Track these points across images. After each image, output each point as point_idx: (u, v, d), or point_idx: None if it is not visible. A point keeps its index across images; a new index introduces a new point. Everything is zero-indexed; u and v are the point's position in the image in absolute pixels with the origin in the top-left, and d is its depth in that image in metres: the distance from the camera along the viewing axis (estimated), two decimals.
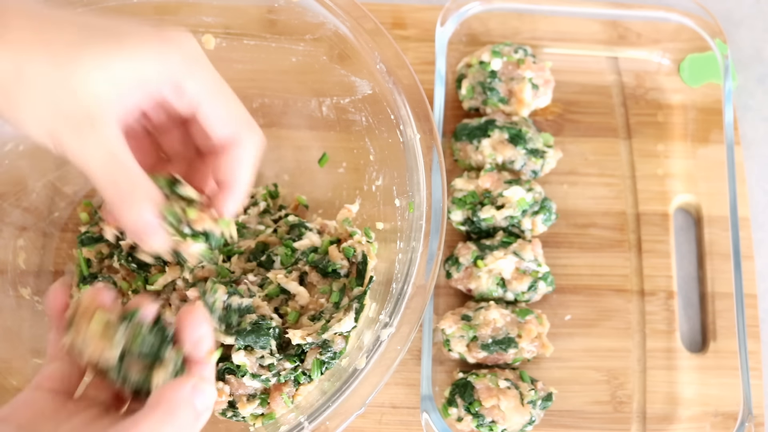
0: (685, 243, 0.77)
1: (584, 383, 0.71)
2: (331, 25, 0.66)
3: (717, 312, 0.73)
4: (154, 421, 0.44)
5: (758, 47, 0.84)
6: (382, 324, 0.59)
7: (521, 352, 0.68)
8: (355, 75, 0.67)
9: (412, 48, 0.79)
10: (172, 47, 0.48)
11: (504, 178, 0.71)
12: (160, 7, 0.68)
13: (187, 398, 0.45)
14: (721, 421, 0.70)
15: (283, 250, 0.65)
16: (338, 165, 0.72)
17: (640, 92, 0.80)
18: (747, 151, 0.80)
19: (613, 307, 0.73)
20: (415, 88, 0.64)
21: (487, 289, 0.70)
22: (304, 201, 0.72)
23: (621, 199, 0.76)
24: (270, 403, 0.61)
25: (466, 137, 0.73)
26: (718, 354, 0.72)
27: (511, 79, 0.74)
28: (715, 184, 0.75)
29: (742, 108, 0.82)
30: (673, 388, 0.71)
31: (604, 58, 0.80)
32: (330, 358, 0.60)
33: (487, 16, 0.78)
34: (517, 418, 0.65)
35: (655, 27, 0.79)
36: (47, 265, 0.70)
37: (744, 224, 0.75)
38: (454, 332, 0.68)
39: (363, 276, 0.63)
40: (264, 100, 0.74)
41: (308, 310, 0.63)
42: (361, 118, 0.69)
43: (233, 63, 0.72)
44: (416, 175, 0.63)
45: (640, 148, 0.78)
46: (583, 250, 0.75)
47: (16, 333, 0.65)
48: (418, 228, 0.61)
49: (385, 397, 0.70)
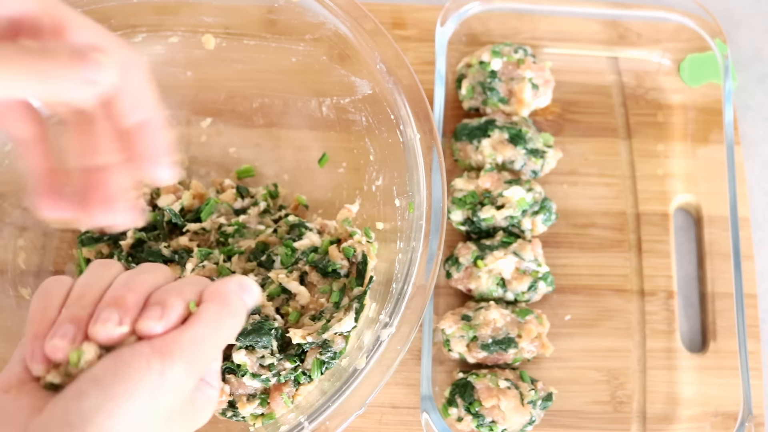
0: (685, 243, 0.77)
1: (584, 383, 0.71)
2: (331, 25, 0.66)
3: (717, 312, 0.73)
4: (214, 309, 0.48)
5: (758, 47, 0.84)
6: (382, 324, 0.60)
7: (521, 352, 0.68)
8: (355, 75, 0.67)
9: (412, 48, 0.79)
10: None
11: (504, 178, 0.71)
12: (160, 7, 0.68)
13: (236, 290, 0.51)
14: (721, 421, 0.70)
15: (283, 250, 0.65)
16: (338, 165, 0.72)
17: (640, 92, 0.80)
18: (747, 151, 0.80)
19: (613, 307, 0.73)
20: (415, 88, 0.64)
21: (487, 289, 0.70)
22: (304, 201, 0.72)
23: (621, 199, 0.76)
24: (270, 403, 0.61)
25: (466, 137, 0.73)
26: (718, 354, 0.72)
27: (511, 79, 0.74)
28: (715, 184, 0.75)
29: (742, 108, 0.82)
30: (673, 388, 0.71)
31: (604, 58, 0.80)
32: (330, 358, 0.60)
33: (487, 16, 0.79)
34: (517, 418, 0.65)
35: (655, 27, 0.79)
36: (47, 265, 0.70)
37: (744, 224, 0.75)
38: (454, 332, 0.68)
39: (363, 276, 0.63)
40: (264, 100, 0.74)
41: (309, 310, 0.63)
42: (361, 118, 0.69)
43: (233, 63, 0.72)
44: (416, 175, 0.63)
45: (640, 148, 0.78)
46: (583, 250, 0.75)
47: (16, 333, 0.65)
48: (418, 228, 0.61)
49: (385, 397, 0.70)
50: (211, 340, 0.48)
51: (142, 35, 0.69)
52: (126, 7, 0.67)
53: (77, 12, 0.46)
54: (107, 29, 0.46)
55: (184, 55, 0.71)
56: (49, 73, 0.40)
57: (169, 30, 0.69)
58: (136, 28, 0.68)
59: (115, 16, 0.67)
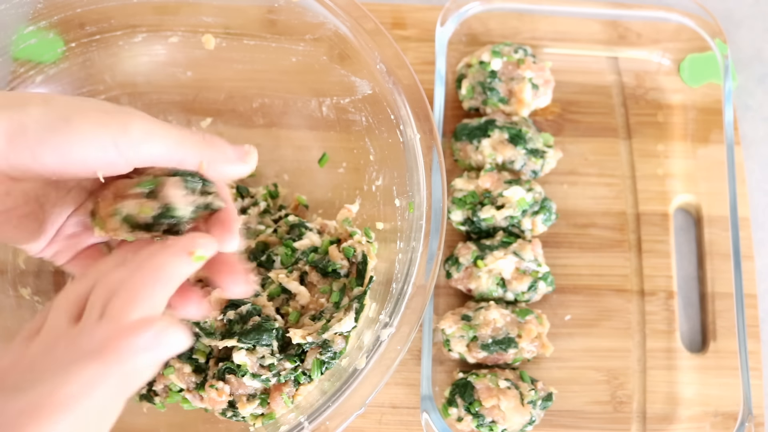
0: (685, 243, 0.77)
1: (584, 383, 0.71)
2: (331, 25, 0.66)
3: (717, 312, 0.73)
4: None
5: (758, 47, 0.84)
6: (382, 324, 0.59)
7: (521, 352, 0.68)
8: (355, 75, 0.67)
9: (412, 48, 0.79)
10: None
11: (504, 178, 0.71)
12: (160, 7, 0.68)
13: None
14: (721, 421, 0.70)
15: (284, 250, 0.65)
16: (338, 165, 0.72)
17: (640, 92, 0.80)
18: (747, 151, 0.80)
19: (613, 307, 0.73)
20: (415, 88, 0.64)
21: (487, 289, 0.70)
22: (304, 201, 0.72)
23: (621, 199, 0.76)
24: (270, 403, 0.61)
25: (466, 137, 0.73)
26: (718, 354, 0.72)
27: (511, 79, 0.74)
28: (715, 184, 0.75)
29: (742, 108, 0.82)
30: (673, 388, 0.71)
31: (604, 58, 0.80)
32: (330, 358, 0.60)
33: (487, 16, 0.79)
34: (517, 418, 0.65)
35: (655, 27, 0.79)
36: (47, 265, 0.70)
37: (744, 224, 0.75)
38: (454, 332, 0.68)
39: (363, 276, 0.63)
40: (264, 100, 0.74)
41: (309, 309, 0.63)
42: (361, 118, 0.69)
43: (233, 63, 0.72)
44: (416, 175, 0.63)
45: (640, 148, 0.78)
46: (583, 250, 0.75)
47: (16, 333, 0.65)
48: (418, 228, 0.61)
49: (385, 397, 0.70)
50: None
51: (142, 35, 0.69)
52: (126, 7, 0.67)
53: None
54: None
55: (184, 55, 0.71)
56: (216, 148, 0.49)
57: (169, 30, 0.69)
58: (136, 28, 0.68)
59: (115, 16, 0.67)
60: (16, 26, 0.64)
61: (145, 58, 0.71)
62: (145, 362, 0.43)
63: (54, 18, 0.65)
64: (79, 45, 0.67)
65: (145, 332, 0.43)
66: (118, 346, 0.42)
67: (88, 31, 0.67)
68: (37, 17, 0.64)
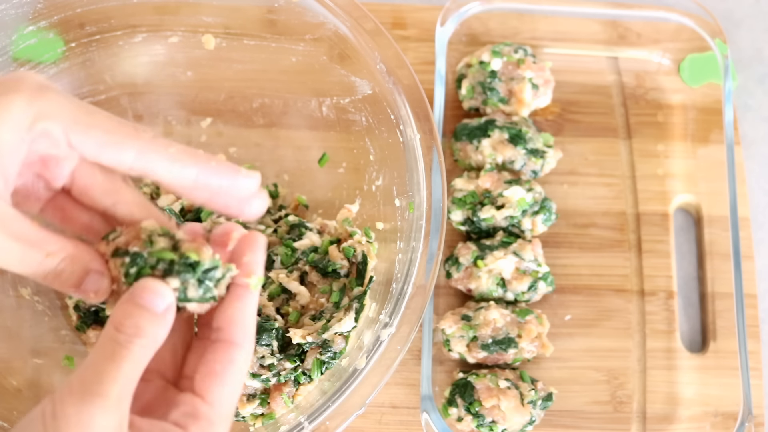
0: (685, 243, 0.77)
1: (584, 383, 0.71)
2: (331, 25, 0.66)
3: (717, 312, 0.73)
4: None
5: (758, 47, 0.84)
6: (382, 324, 0.60)
7: (521, 352, 0.68)
8: (355, 75, 0.67)
9: (412, 48, 0.79)
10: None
11: (504, 178, 0.71)
12: (160, 7, 0.68)
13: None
14: (721, 421, 0.70)
15: (284, 250, 0.65)
16: (338, 165, 0.72)
17: (640, 92, 0.80)
18: (747, 151, 0.80)
19: (613, 307, 0.73)
20: (415, 88, 0.64)
21: (487, 289, 0.70)
22: (304, 201, 0.72)
23: (621, 199, 0.76)
24: (270, 403, 0.61)
25: (466, 137, 0.73)
26: (718, 354, 0.72)
27: (511, 79, 0.74)
28: (715, 184, 0.75)
29: (742, 108, 0.82)
30: (673, 388, 0.71)
31: (604, 58, 0.80)
32: (330, 358, 0.60)
33: (487, 16, 0.78)
34: (517, 418, 0.65)
35: (655, 27, 0.79)
36: None
37: (744, 224, 0.75)
38: (454, 332, 0.68)
39: (363, 276, 0.63)
40: (264, 100, 0.74)
41: (309, 309, 0.63)
42: (361, 118, 0.69)
43: (233, 63, 0.72)
44: (416, 175, 0.63)
45: (640, 148, 0.78)
46: (583, 250, 0.75)
47: (16, 333, 0.65)
48: (418, 228, 0.61)
49: (385, 397, 0.70)
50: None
51: (142, 35, 0.69)
52: (126, 7, 0.67)
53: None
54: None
55: (184, 55, 0.71)
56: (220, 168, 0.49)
57: (169, 30, 0.69)
58: (136, 28, 0.68)
59: (115, 16, 0.67)
60: (16, 26, 0.64)
61: (145, 58, 0.71)
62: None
63: (54, 18, 0.65)
64: (79, 45, 0.67)
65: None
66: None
67: (88, 31, 0.67)
68: (37, 17, 0.64)
